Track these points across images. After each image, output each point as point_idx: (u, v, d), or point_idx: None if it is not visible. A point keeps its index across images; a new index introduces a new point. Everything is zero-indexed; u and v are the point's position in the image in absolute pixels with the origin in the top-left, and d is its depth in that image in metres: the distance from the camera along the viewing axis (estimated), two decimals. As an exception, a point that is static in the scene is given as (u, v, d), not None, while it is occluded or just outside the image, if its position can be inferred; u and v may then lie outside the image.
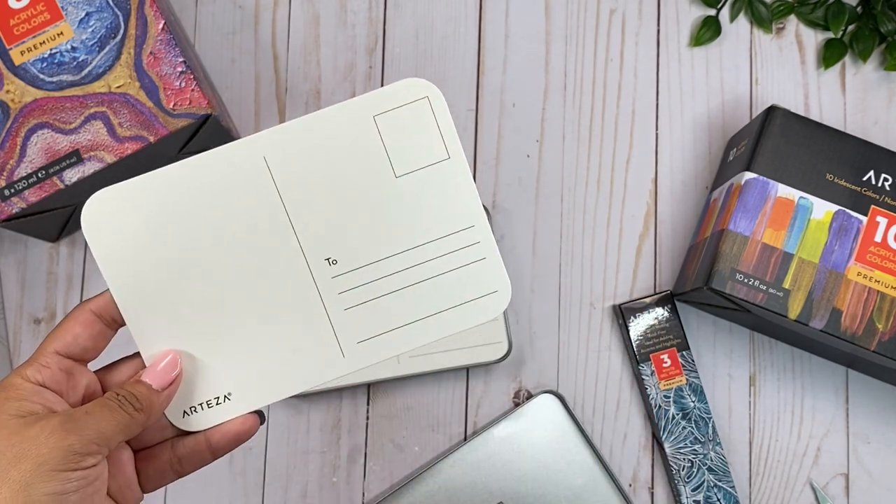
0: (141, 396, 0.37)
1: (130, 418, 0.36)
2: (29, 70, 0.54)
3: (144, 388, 0.37)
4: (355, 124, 0.39)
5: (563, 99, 0.65)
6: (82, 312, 0.38)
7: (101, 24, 0.54)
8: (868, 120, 0.65)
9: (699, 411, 0.60)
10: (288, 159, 0.39)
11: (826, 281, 0.54)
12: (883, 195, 0.55)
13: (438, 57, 0.65)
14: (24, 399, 0.35)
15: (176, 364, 0.39)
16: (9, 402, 0.35)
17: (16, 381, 0.36)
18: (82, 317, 0.38)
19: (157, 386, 0.38)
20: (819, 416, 0.62)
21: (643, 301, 0.61)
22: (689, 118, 0.65)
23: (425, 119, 0.40)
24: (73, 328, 0.38)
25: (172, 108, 0.54)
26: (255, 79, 0.65)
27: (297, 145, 0.39)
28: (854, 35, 0.65)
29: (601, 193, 0.64)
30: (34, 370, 0.36)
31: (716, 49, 0.65)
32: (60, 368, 0.37)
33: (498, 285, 0.40)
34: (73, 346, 0.38)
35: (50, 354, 0.37)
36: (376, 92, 0.40)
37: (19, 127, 0.54)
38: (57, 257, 0.63)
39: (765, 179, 0.55)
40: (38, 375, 0.36)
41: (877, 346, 0.53)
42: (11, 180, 0.54)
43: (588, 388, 0.62)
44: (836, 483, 0.61)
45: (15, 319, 0.62)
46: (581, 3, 0.66)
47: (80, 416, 0.34)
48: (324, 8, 0.66)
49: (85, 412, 0.35)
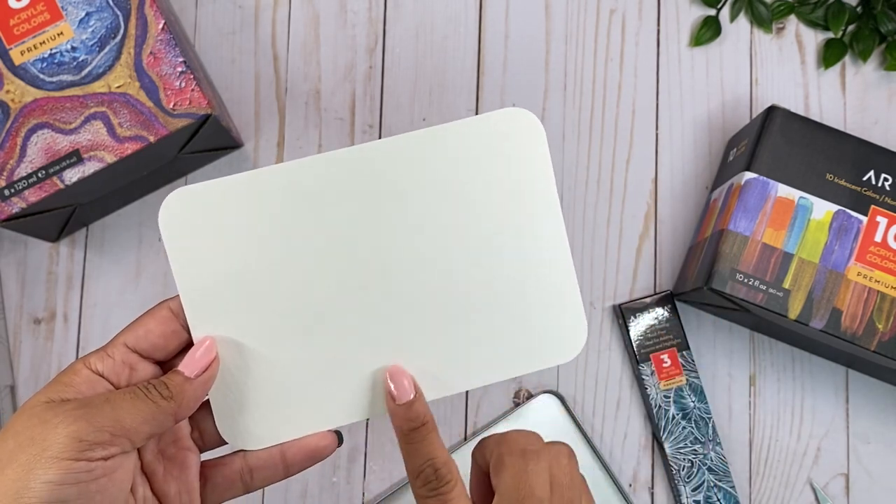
0: (171, 384, 0.35)
1: (157, 407, 0.34)
2: (29, 70, 0.54)
3: (176, 374, 0.35)
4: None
5: (563, 99, 0.65)
6: (160, 308, 0.37)
7: (101, 23, 0.54)
8: (868, 120, 0.65)
9: (699, 411, 0.60)
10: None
11: (826, 281, 0.54)
12: (883, 195, 0.55)
13: (438, 57, 0.65)
14: (71, 385, 0.34)
15: (212, 351, 0.36)
16: (54, 385, 0.33)
17: (76, 366, 0.34)
18: (159, 313, 0.37)
19: (190, 373, 0.35)
20: (819, 416, 0.62)
21: (643, 301, 0.61)
22: (689, 118, 0.65)
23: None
24: (147, 322, 0.36)
25: (172, 107, 0.54)
26: (255, 79, 0.65)
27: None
28: (854, 35, 0.65)
29: (601, 193, 0.64)
30: (97, 358, 0.35)
31: (716, 49, 0.65)
32: (124, 361, 0.35)
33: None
34: (143, 341, 0.36)
35: (118, 345, 0.35)
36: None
37: (19, 127, 0.54)
38: (57, 257, 0.63)
39: (765, 179, 0.55)
40: (99, 364, 0.35)
41: (877, 346, 0.53)
42: (11, 180, 0.54)
43: (588, 388, 0.62)
44: (836, 483, 0.61)
45: (15, 319, 0.62)
46: (581, 3, 0.66)
47: (97, 402, 0.32)
48: (324, 8, 0.66)
49: (105, 399, 0.33)
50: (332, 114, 0.64)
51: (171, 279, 0.63)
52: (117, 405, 0.33)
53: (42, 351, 0.62)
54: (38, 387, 0.62)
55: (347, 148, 0.38)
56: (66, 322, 0.62)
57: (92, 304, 0.63)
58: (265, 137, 0.64)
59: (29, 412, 0.32)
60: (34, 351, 0.62)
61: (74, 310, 0.63)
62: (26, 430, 0.31)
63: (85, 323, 0.62)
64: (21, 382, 0.62)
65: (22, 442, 0.31)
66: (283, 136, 0.64)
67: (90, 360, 0.35)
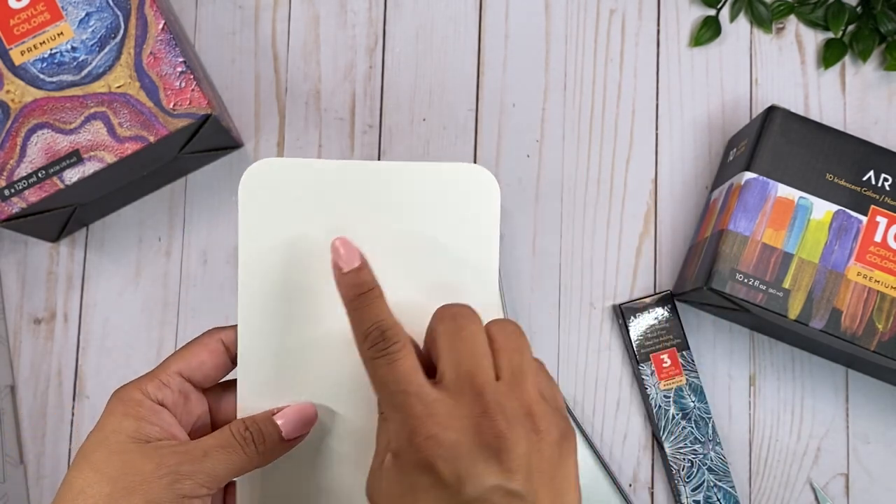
0: (269, 439, 0.35)
1: (248, 460, 0.35)
2: (29, 70, 0.54)
3: (275, 430, 0.36)
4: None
5: (563, 99, 0.65)
6: (212, 340, 0.37)
7: (101, 24, 0.54)
8: (868, 120, 0.65)
9: (699, 411, 0.60)
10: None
11: (826, 281, 0.54)
12: (883, 195, 0.55)
13: (438, 57, 0.65)
14: (143, 419, 0.34)
15: (314, 421, 0.37)
16: (127, 419, 0.34)
17: (136, 396, 0.35)
18: (212, 344, 0.37)
19: (287, 434, 0.36)
20: (819, 415, 0.62)
21: (643, 301, 0.61)
22: (688, 118, 0.65)
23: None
24: (201, 354, 0.37)
25: (172, 107, 0.54)
26: (255, 79, 0.65)
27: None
28: (854, 35, 0.65)
29: (601, 193, 0.64)
30: (155, 387, 0.35)
31: (716, 49, 0.65)
32: (180, 391, 0.36)
33: None
34: (197, 372, 0.37)
35: (172, 374, 0.36)
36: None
37: (19, 127, 0.54)
38: (57, 257, 0.63)
39: (765, 179, 0.55)
40: (158, 393, 0.35)
41: (877, 345, 0.53)
42: (11, 180, 0.54)
43: (588, 388, 0.62)
44: (835, 483, 0.61)
45: (15, 319, 0.62)
46: (581, 3, 0.66)
47: (198, 456, 0.34)
48: (324, 8, 0.66)
49: (203, 453, 0.34)
50: (332, 114, 0.64)
51: (171, 279, 0.63)
52: (216, 460, 0.34)
53: (42, 351, 0.62)
54: (38, 387, 0.62)
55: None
56: (67, 322, 0.62)
57: (92, 304, 0.63)
58: (265, 137, 0.64)
59: (115, 448, 0.33)
60: (34, 351, 0.62)
61: (74, 310, 0.63)
62: (123, 476, 0.33)
63: (85, 323, 0.62)
64: (21, 382, 0.62)
65: (122, 490, 0.32)
66: (283, 136, 0.64)
67: (147, 388, 0.35)
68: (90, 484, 0.33)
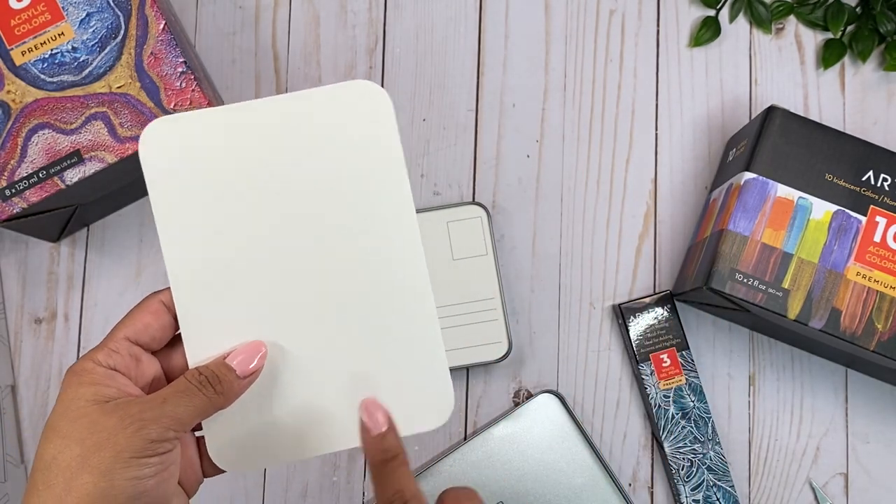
0: (224, 380, 0.37)
1: (209, 402, 0.36)
2: (30, 70, 0.54)
3: (229, 371, 0.37)
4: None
5: (563, 99, 0.65)
6: (153, 302, 0.39)
7: (101, 24, 0.55)
8: (867, 120, 0.65)
9: (699, 411, 0.60)
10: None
11: (825, 281, 0.54)
12: (882, 195, 0.55)
13: (438, 57, 0.66)
14: (98, 384, 0.35)
15: (265, 357, 0.38)
16: (83, 386, 0.35)
17: (87, 366, 0.36)
18: (153, 306, 0.38)
19: (241, 373, 0.37)
20: (818, 415, 0.62)
21: (643, 301, 0.61)
22: (688, 118, 0.65)
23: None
24: (144, 317, 0.38)
25: (173, 108, 0.54)
26: (255, 79, 0.65)
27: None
28: (853, 35, 0.65)
29: (601, 193, 0.64)
30: (105, 355, 0.37)
31: (715, 49, 0.66)
32: (130, 354, 0.37)
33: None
34: (144, 335, 0.38)
35: (120, 340, 0.37)
36: None
37: (20, 127, 0.54)
38: (57, 257, 0.63)
39: (764, 179, 0.55)
40: (109, 360, 0.36)
41: (876, 345, 0.53)
42: (12, 180, 0.54)
43: (588, 387, 0.62)
44: (835, 483, 0.61)
45: (15, 319, 0.63)
46: (581, 3, 0.66)
47: (157, 404, 0.35)
48: (324, 8, 0.66)
49: (162, 400, 0.35)
50: (333, 114, 0.64)
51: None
52: (175, 403, 0.35)
53: (43, 351, 0.62)
54: (39, 386, 0.62)
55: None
56: (67, 322, 0.63)
57: (92, 303, 0.63)
58: (265, 137, 0.64)
59: (77, 413, 0.34)
60: (35, 351, 0.62)
61: (75, 309, 0.63)
62: (90, 436, 0.34)
63: (86, 323, 0.62)
64: (22, 382, 0.62)
65: (90, 447, 0.34)
66: (283, 137, 0.64)
67: (97, 357, 0.36)
68: (60, 450, 0.34)
